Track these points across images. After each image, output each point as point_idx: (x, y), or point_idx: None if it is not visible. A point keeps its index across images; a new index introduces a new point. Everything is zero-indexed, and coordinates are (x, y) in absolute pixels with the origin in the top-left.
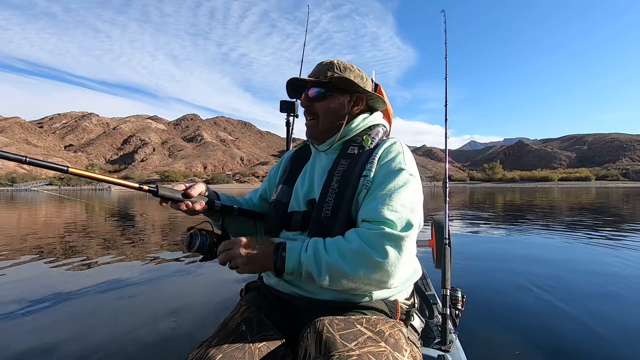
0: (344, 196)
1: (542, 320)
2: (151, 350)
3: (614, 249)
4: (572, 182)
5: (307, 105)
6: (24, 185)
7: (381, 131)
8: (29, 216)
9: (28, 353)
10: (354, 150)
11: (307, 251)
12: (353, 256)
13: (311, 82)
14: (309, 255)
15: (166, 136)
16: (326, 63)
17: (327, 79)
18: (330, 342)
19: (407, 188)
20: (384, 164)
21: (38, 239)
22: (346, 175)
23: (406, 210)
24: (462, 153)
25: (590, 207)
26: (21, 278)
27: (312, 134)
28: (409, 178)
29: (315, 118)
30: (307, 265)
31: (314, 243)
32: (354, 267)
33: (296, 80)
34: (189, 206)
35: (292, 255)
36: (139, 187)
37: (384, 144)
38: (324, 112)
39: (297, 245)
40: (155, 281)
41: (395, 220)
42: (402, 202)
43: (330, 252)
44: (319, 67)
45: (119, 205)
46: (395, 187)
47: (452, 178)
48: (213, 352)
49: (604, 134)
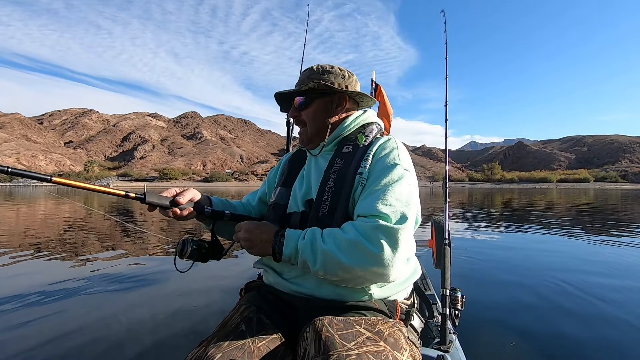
0: (340, 194)
1: (542, 321)
2: (150, 350)
3: (614, 246)
4: (571, 183)
5: (294, 115)
6: (22, 181)
7: (375, 129)
8: (26, 213)
9: (18, 352)
10: (349, 149)
11: (304, 238)
12: (349, 246)
13: (292, 93)
14: (306, 243)
15: (166, 133)
16: (306, 71)
17: (306, 87)
18: (329, 342)
19: (401, 183)
20: (378, 160)
21: (29, 237)
22: (342, 173)
23: (401, 204)
24: (462, 153)
25: (588, 210)
26: (8, 276)
27: (302, 141)
28: (404, 173)
29: (305, 126)
30: (303, 252)
31: (311, 232)
32: (349, 256)
33: (279, 94)
34: (176, 213)
35: (290, 241)
36: (125, 195)
37: (378, 141)
38: (310, 119)
39: (295, 232)
40: (154, 280)
41: (389, 213)
42: (396, 196)
43: (326, 241)
44: (302, 76)
45: (115, 205)
46: (390, 181)
47: (451, 178)
48: (212, 351)
49: (603, 136)
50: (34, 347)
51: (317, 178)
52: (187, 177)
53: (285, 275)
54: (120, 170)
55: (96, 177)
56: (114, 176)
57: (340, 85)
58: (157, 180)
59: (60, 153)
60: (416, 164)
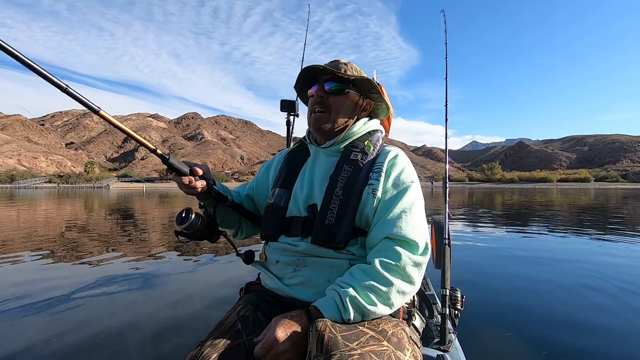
0: (348, 204)
1: (542, 321)
2: (150, 350)
3: (615, 247)
4: (571, 183)
5: (321, 96)
6: (23, 182)
7: (380, 137)
8: (27, 213)
9: (17, 352)
10: (357, 156)
11: (347, 312)
12: (391, 295)
13: (332, 74)
14: (355, 317)
15: (167, 134)
16: (343, 62)
17: (347, 75)
18: (332, 342)
19: (419, 204)
20: (393, 179)
21: (28, 237)
22: (350, 182)
23: (424, 228)
24: (463, 153)
25: (588, 208)
26: (11, 276)
27: (319, 127)
28: (419, 193)
29: (327, 112)
30: (354, 320)
31: (352, 301)
32: (392, 304)
33: (313, 68)
34: (191, 181)
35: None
36: (153, 149)
37: (388, 154)
38: (338, 108)
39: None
40: (154, 280)
41: (417, 240)
42: (419, 218)
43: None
44: (336, 62)
45: (118, 203)
46: (411, 203)
47: (451, 178)
48: (208, 351)
49: (605, 135)
50: (21, 346)
51: (320, 182)
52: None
53: (286, 281)
54: (121, 172)
55: (96, 177)
56: (114, 177)
57: (370, 91)
58: (157, 180)
59: (61, 154)
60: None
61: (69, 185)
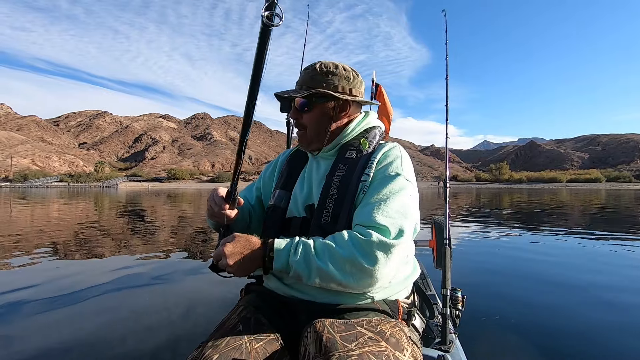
0: (343, 202)
1: (543, 321)
2: (150, 350)
3: (616, 249)
4: (581, 183)
5: (295, 117)
6: (35, 181)
7: (378, 133)
8: (41, 211)
9: (18, 351)
10: (352, 155)
11: (296, 254)
12: (344, 263)
13: (292, 97)
14: (299, 260)
15: (176, 134)
16: (309, 70)
17: (308, 91)
18: (330, 343)
19: (402, 194)
20: (381, 168)
21: (38, 237)
22: (345, 180)
23: (400, 216)
24: (473, 153)
25: (599, 210)
26: (20, 273)
27: (302, 144)
28: (405, 184)
29: (304, 129)
30: (296, 268)
31: (303, 247)
32: (344, 274)
33: (278, 96)
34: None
35: (280, 257)
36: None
37: (383, 148)
38: (311, 123)
39: (285, 247)
40: (154, 281)
41: (388, 226)
42: (397, 207)
43: (321, 257)
44: (304, 75)
45: (126, 201)
46: (391, 192)
47: (458, 178)
48: (209, 352)
49: (619, 135)
50: (25, 346)
51: (318, 182)
52: (194, 177)
53: (286, 280)
54: (131, 171)
55: (106, 177)
56: (124, 176)
57: (344, 89)
58: (165, 180)
59: (74, 154)
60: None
61: (79, 184)
